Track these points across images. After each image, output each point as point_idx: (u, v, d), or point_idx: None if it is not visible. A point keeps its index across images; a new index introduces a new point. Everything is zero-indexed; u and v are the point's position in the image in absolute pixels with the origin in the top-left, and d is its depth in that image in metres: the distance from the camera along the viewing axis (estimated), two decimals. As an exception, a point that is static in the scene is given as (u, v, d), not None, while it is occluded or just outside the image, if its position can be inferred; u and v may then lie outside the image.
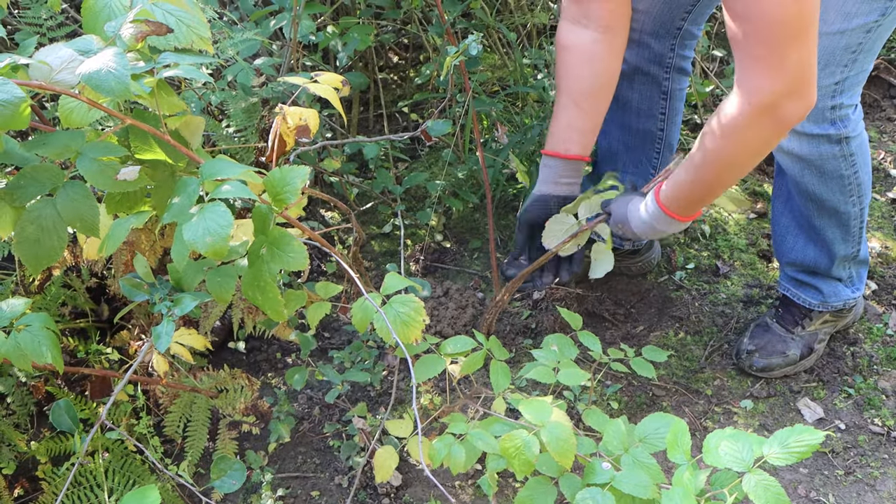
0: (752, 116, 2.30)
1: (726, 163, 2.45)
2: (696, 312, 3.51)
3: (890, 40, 4.63)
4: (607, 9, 2.75)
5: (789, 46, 2.21)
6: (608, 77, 2.85)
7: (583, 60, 2.81)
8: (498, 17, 4.19)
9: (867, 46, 2.67)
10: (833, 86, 2.72)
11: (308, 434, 3.13)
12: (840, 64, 2.68)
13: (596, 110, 2.86)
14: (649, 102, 2.88)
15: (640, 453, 2.15)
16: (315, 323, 2.56)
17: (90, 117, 1.90)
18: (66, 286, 3.12)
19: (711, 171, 2.49)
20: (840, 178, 2.92)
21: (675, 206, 2.62)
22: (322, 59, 3.78)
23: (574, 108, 2.85)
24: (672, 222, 2.66)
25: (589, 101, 2.84)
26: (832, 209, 3.01)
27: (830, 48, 2.64)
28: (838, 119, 2.78)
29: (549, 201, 2.90)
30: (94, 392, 2.99)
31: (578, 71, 2.83)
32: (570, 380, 2.44)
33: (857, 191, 2.98)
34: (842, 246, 3.10)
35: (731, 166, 2.48)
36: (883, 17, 2.61)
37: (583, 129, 2.87)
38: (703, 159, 2.48)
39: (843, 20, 2.60)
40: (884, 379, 3.26)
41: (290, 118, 2.21)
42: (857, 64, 2.71)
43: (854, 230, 3.08)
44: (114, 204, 2.06)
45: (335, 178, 3.74)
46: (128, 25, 1.84)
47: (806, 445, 1.89)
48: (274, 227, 2.02)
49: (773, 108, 2.27)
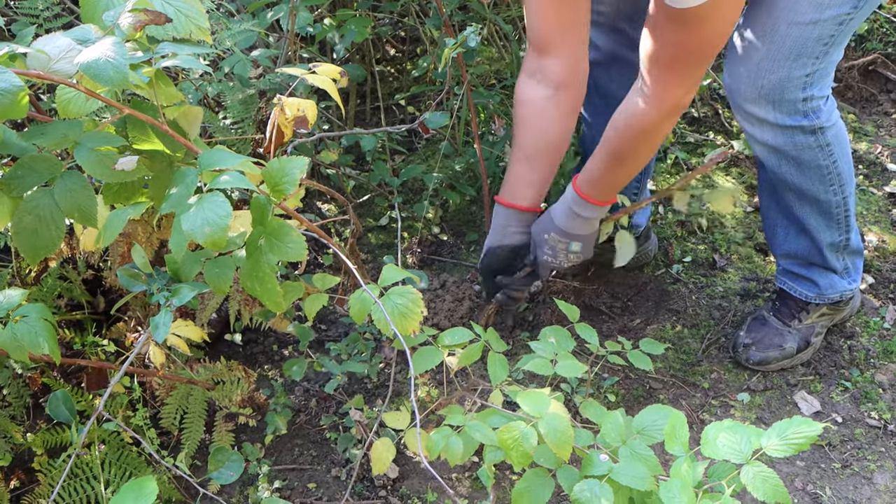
0: (661, 120, 2.66)
1: (638, 156, 2.84)
2: (693, 305, 3.51)
3: (886, 34, 4.63)
4: (561, 65, 2.84)
5: (702, 66, 2.56)
6: (557, 135, 2.95)
7: (534, 116, 2.92)
8: (495, 9, 4.18)
9: (839, 39, 2.70)
10: (804, 77, 2.73)
11: (305, 426, 3.13)
12: (812, 56, 2.70)
13: (546, 166, 3.00)
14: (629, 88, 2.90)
15: (637, 445, 2.15)
16: (312, 315, 2.56)
17: (88, 107, 1.89)
18: (62, 278, 3.11)
19: (624, 164, 2.84)
20: (818, 168, 2.93)
21: (589, 191, 2.91)
22: (319, 51, 3.77)
23: (525, 162, 2.98)
24: (587, 206, 2.92)
25: (539, 157, 2.97)
26: (812, 198, 3.01)
27: (802, 39, 2.66)
28: (810, 111, 2.80)
29: (499, 252, 3.11)
30: (91, 384, 2.99)
31: (530, 126, 2.94)
32: (568, 371, 2.44)
33: (838, 180, 2.99)
34: (826, 233, 3.10)
35: (642, 158, 2.86)
36: (855, 10, 2.64)
37: (533, 183, 3.02)
38: (614, 154, 2.80)
39: (816, 11, 2.62)
40: (881, 372, 3.26)
41: (288, 109, 2.21)
42: (828, 56, 2.73)
43: (838, 218, 3.08)
44: (111, 194, 2.05)
45: (332, 171, 3.74)
46: (126, 14, 1.84)
47: (804, 437, 1.89)
48: (272, 218, 2.01)
49: (676, 107, 2.64)
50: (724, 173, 4.07)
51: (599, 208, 2.95)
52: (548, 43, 2.80)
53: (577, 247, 2.99)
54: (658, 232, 3.77)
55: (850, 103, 4.52)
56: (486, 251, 3.13)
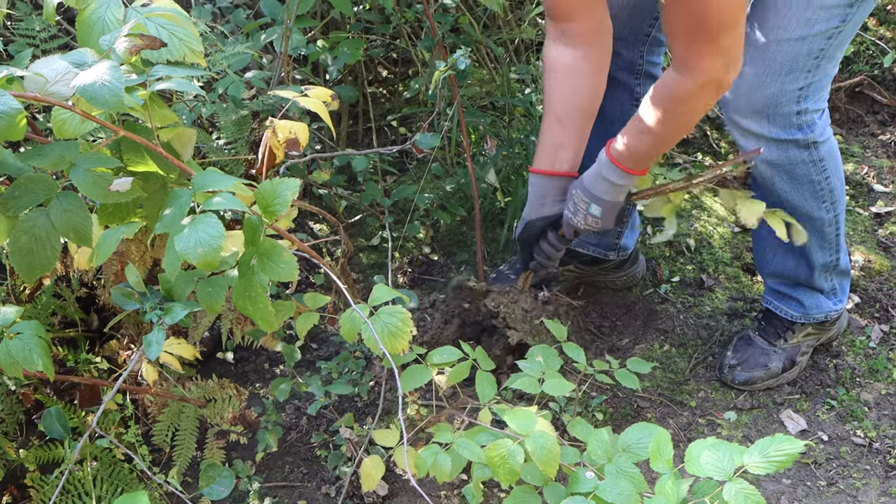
0: (697, 92, 2.55)
1: (675, 129, 2.73)
2: (680, 325, 3.54)
3: (873, 56, 4.68)
4: (583, 26, 2.81)
5: (726, 34, 2.45)
6: (590, 93, 2.91)
7: (564, 78, 2.88)
8: (486, 31, 4.22)
9: (829, 52, 2.75)
10: (797, 91, 2.78)
11: (295, 444, 3.15)
12: (803, 70, 2.74)
13: (580, 127, 2.94)
14: (621, 109, 2.94)
15: (623, 463, 2.18)
16: (304, 333, 2.59)
17: (83, 129, 1.92)
18: (56, 296, 3.14)
19: (659, 135, 2.70)
20: (811, 184, 2.96)
21: (622, 160, 2.79)
22: (312, 72, 3.81)
23: (558, 125, 2.93)
24: (615, 170, 2.80)
25: (572, 118, 2.91)
26: (806, 215, 3.04)
27: (793, 54, 2.71)
28: (805, 124, 2.84)
29: (537, 224, 3.05)
30: (83, 401, 3.01)
31: (561, 89, 2.90)
32: (555, 390, 2.47)
33: (830, 196, 3.03)
34: (819, 254, 3.13)
35: (679, 130, 2.80)
36: (843, 24, 2.69)
37: (568, 146, 2.94)
38: (652, 128, 2.68)
39: (805, 27, 2.67)
40: (866, 391, 3.29)
41: (279, 131, 2.24)
42: (821, 69, 2.78)
43: (830, 237, 3.12)
44: (106, 215, 2.08)
45: (324, 191, 3.77)
46: (122, 39, 1.88)
47: (785, 455, 1.92)
48: (264, 239, 2.05)
49: (716, 83, 2.52)
50: (712, 194, 4.10)
51: (626, 176, 2.82)
52: (566, 13, 2.80)
53: (597, 211, 2.87)
54: (646, 252, 3.80)
55: (838, 124, 4.56)
56: (525, 224, 3.08)
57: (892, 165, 4.31)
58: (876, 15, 4.93)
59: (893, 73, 4.66)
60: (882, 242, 3.89)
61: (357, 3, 3.77)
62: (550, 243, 3.05)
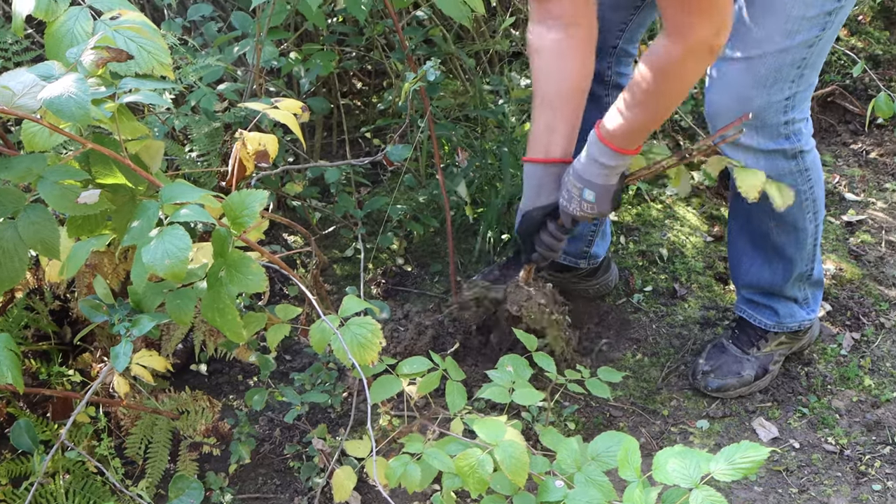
0: (689, 55, 2.48)
1: (667, 98, 2.65)
2: (653, 334, 3.56)
3: (844, 66, 4.71)
4: (566, 5, 2.76)
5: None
6: (578, 74, 2.86)
7: (551, 60, 2.83)
8: (459, 43, 4.24)
9: (811, 61, 2.76)
10: (784, 101, 2.80)
11: (269, 455, 3.15)
12: (788, 80, 2.76)
13: (571, 110, 2.87)
14: (592, 120, 2.93)
15: (592, 471, 2.20)
16: (274, 345, 2.60)
17: (52, 142, 1.93)
18: (28, 309, 3.13)
19: (647, 109, 2.65)
20: (798, 194, 2.97)
21: (612, 138, 2.71)
22: (286, 84, 3.81)
23: (549, 109, 2.87)
24: (606, 151, 2.73)
25: (563, 101, 2.86)
26: (791, 226, 3.07)
27: (777, 66, 2.73)
28: (792, 133, 2.86)
29: (534, 214, 2.98)
30: (56, 414, 3.01)
31: (548, 71, 2.85)
32: (525, 399, 2.48)
33: (813, 206, 3.06)
34: (799, 264, 3.16)
35: (672, 100, 2.68)
36: (823, 32, 2.71)
37: (561, 130, 2.88)
38: (643, 98, 2.62)
39: (786, 38, 2.69)
40: (837, 398, 3.31)
41: (249, 143, 2.24)
42: (804, 78, 2.80)
43: (809, 248, 3.14)
44: (75, 227, 2.09)
45: (298, 203, 3.77)
46: (89, 52, 1.88)
47: (751, 462, 1.94)
48: (233, 251, 2.05)
49: (708, 46, 2.46)
50: (685, 204, 4.13)
51: (619, 156, 2.74)
52: None
53: (591, 196, 2.79)
54: (619, 262, 3.82)
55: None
56: (522, 216, 3.00)
57: (863, 174, 4.35)
58: (847, 25, 4.97)
59: (864, 82, 4.70)
60: (853, 251, 3.92)
61: (331, 15, 3.78)
62: (551, 234, 2.98)
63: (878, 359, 3.46)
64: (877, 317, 3.62)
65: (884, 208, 4.15)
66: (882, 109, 3.51)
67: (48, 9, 2.04)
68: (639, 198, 4.15)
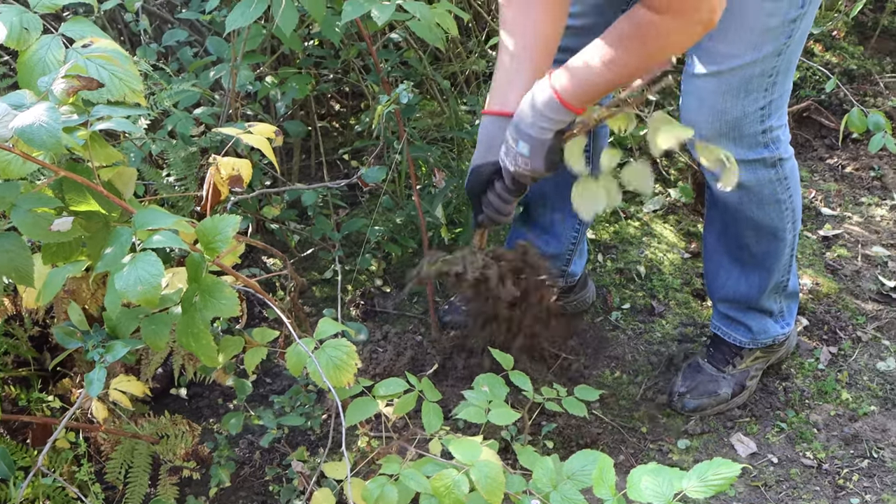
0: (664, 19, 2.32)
1: (640, 63, 2.45)
2: (631, 352, 3.57)
3: (819, 81, 4.74)
4: None
5: None
6: (545, 27, 2.70)
7: (518, 12, 2.69)
8: (436, 64, 4.25)
9: (782, 68, 2.78)
10: (759, 111, 2.81)
11: (249, 478, 3.16)
12: (761, 89, 2.78)
13: (537, 63, 2.70)
14: None
15: (568, 490, 2.21)
16: (252, 368, 2.60)
17: (25, 169, 1.94)
18: (8, 335, 3.14)
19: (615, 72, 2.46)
20: (778, 203, 3.01)
21: (568, 95, 2.52)
22: (263, 108, 3.83)
23: (513, 62, 2.71)
24: (560, 109, 2.53)
25: (525, 52, 2.70)
26: (772, 234, 3.09)
27: (747, 77, 2.75)
28: (770, 141, 2.89)
29: (483, 170, 2.78)
30: (36, 440, 3.01)
31: (514, 22, 2.71)
32: (501, 419, 2.49)
33: (793, 216, 3.08)
34: (776, 274, 3.19)
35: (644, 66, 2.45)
36: (790, 39, 2.72)
37: (520, 83, 2.69)
38: (613, 59, 2.44)
39: (753, 51, 2.71)
40: (815, 413, 3.33)
41: (223, 168, 2.26)
42: (777, 86, 2.81)
43: (786, 258, 3.17)
44: (50, 255, 2.10)
45: (276, 226, 3.79)
46: (60, 80, 1.89)
47: (723, 478, 1.94)
48: (206, 276, 2.06)
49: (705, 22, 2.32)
50: (662, 221, 4.15)
51: (564, 111, 2.53)
52: None
53: (525, 149, 2.58)
54: (596, 280, 3.84)
55: (786, 150, 4.63)
56: (471, 171, 2.80)
57: (839, 189, 4.38)
58: (822, 41, 5.01)
59: (839, 97, 4.73)
60: (830, 265, 3.95)
61: (307, 38, 3.80)
62: (497, 194, 2.78)
63: (856, 372, 3.48)
64: (854, 331, 3.64)
65: (860, 222, 4.19)
66: (855, 124, 3.53)
67: (20, 38, 2.05)
68: (616, 216, 4.17)
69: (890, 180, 4.42)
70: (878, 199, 4.33)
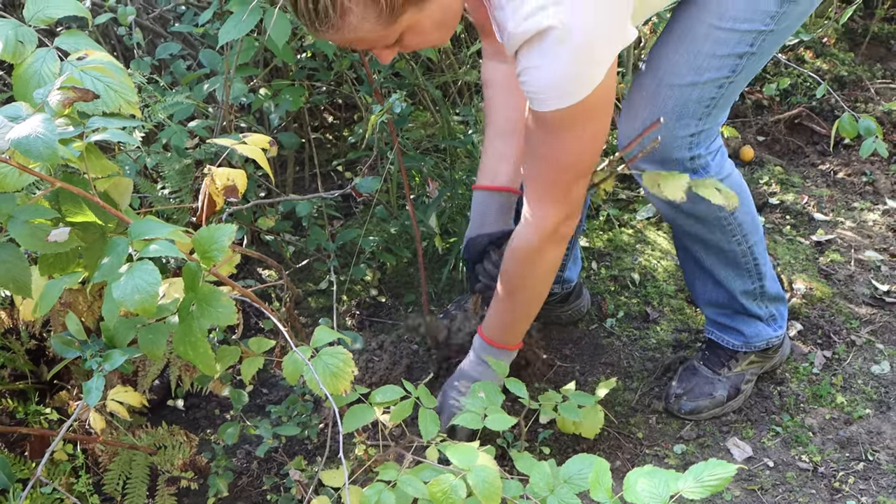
0: (541, 246, 2.69)
1: (527, 288, 2.83)
2: (626, 358, 3.58)
3: (810, 88, 4.77)
4: None
5: (575, 183, 2.60)
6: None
7: (501, 93, 2.91)
8: (428, 74, 4.27)
9: (721, 102, 2.76)
10: (689, 137, 2.78)
11: (247, 488, 3.16)
12: (694, 116, 2.75)
13: (519, 140, 2.87)
14: None
15: (564, 494, 2.22)
16: (248, 378, 2.61)
17: (22, 181, 1.94)
18: (5, 348, 3.15)
19: (516, 299, 2.85)
20: (717, 220, 2.99)
21: (497, 335, 2.95)
22: (257, 120, 3.84)
23: (499, 139, 2.95)
24: (500, 352, 2.96)
25: (511, 130, 2.92)
26: (717, 249, 3.09)
27: (683, 100, 2.72)
28: (700, 167, 2.84)
29: (479, 241, 3.05)
30: (34, 452, 3.02)
31: (498, 102, 2.93)
32: (497, 425, 2.50)
33: (740, 230, 3.05)
34: (737, 282, 3.17)
35: (532, 290, 2.85)
36: (734, 74, 2.70)
37: (511, 158, 2.96)
38: (506, 290, 2.84)
39: (695, 74, 2.69)
40: (810, 416, 3.34)
41: (218, 179, 2.27)
42: (711, 117, 2.78)
43: (747, 266, 3.14)
44: (47, 266, 2.10)
45: (271, 237, 3.80)
46: (55, 92, 1.91)
47: (719, 479, 1.96)
48: (203, 285, 2.07)
49: (556, 233, 2.66)
50: (656, 228, 4.17)
51: (508, 353, 2.99)
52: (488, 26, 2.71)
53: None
54: (591, 287, 3.85)
55: (778, 156, 4.65)
56: (466, 242, 3.08)
57: (831, 194, 4.40)
58: (812, 48, 5.03)
59: (830, 104, 4.75)
60: (823, 270, 3.96)
61: (300, 50, 3.82)
62: (494, 263, 3.03)
63: (850, 376, 3.49)
64: (847, 335, 3.65)
65: (852, 227, 4.20)
66: (846, 130, 3.54)
67: (15, 51, 2.06)
68: (609, 223, 4.19)
69: (882, 185, 4.44)
70: (870, 203, 4.35)
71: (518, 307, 2.87)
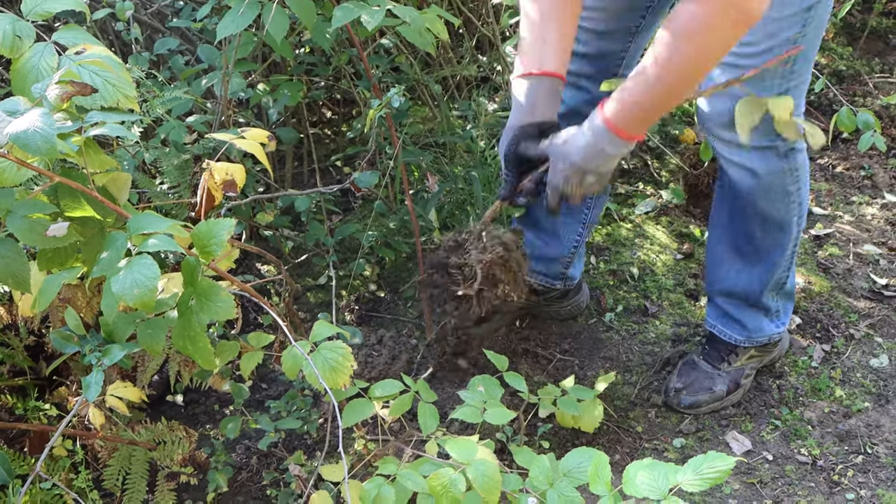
0: (711, 14, 2.26)
1: (688, 69, 2.38)
2: (626, 352, 3.58)
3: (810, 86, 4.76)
4: None
5: None
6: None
7: None
8: (427, 70, 4.27)
9: (800, 56, 2.71)
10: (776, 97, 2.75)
11: (246, 483, 3.16)
12: (777, 76, 2.72)
13: (564, 23, 2.68)
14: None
15: (564, 487, 2.22)
16: (248, 372, 2.61)
17: (21, 176, 1.94)
18: (3, 344, 3.15)
19: (670, 81, 2.40)
20: (787, 195, 2.99)
21: (623, 122, 2.49)
22: (255, 115, 3.84)
23: (543, 22, 2.67)
24: (618, 141, 2.50)
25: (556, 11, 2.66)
26: (778, 226, 3.07)
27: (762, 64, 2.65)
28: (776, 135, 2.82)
29: (529, 130, 2.70)
30: (33, 448, 3.02)
31: None
32: (497, 419, 2.51)
33: (799, 210, 3.06)
34: (778, 269, 3.17)
35: (693, 72, 2.40)
36: (805, 28, 2.66)
37: (554, 42, 2.68)
38: (660, 70, 2.37)
39: (769, 39, 2.65)
40: (809, 410, 3.35)
41: (216, 174, 2.27)
42: (795, 74, 2.75)
43: (789, 252, 3.16)
44: (46, 260, 2.11)
45: (270, 232, 3.79)
46: (53, 87, 1.91)
47: (717, 472, 1.96)
48: (202, 279, 2.07)
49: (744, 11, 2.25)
50: (655, 223, 4.17)
51: (628, 144, 2.53)
52: None
53: (593, 178, 2.57)
54: (590, 282, 3.85)
55: (776, 151, 4.65)
56: (513, 132, 2.71)
57: (830, 188, 4.40)
58: (810, 42, 5.03)
59: (829, 98, 4.76)
60: (822, 264, 3.97)
61: (298, 45, 3.81)
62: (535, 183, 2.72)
63: (849, 370, 3.49)
64: (846, 328, 3.66)
65: (851, 221, 4.21)
66: (844, 124, 3.54)
67: (13, 46, 2.06)
68: (609, 218, 4.18)
69: (880, 179, 4.44)
70: (868, 197, 4.36)
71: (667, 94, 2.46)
